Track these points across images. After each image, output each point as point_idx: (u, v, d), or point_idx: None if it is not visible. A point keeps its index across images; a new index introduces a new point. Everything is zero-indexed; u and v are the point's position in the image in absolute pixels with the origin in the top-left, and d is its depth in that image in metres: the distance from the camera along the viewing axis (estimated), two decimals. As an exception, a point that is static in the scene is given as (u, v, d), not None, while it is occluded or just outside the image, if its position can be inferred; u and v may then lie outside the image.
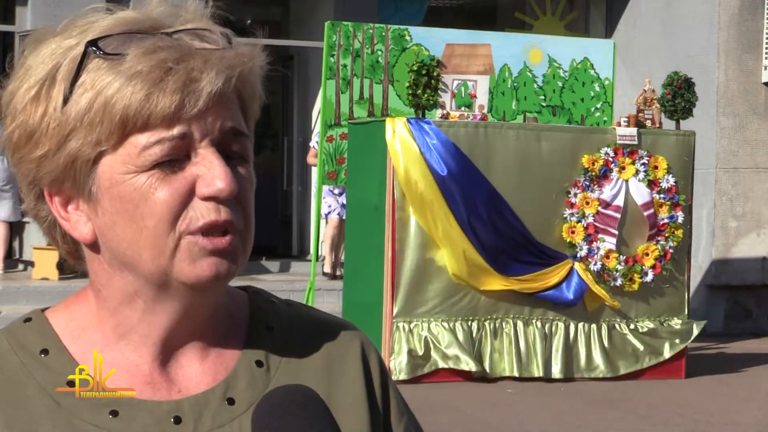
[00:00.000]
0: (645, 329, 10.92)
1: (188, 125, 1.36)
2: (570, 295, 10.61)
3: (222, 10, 1.46)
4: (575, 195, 10.64)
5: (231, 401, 1.46)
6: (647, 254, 10.82)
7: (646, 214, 10.78)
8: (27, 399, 1.42)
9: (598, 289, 10.65)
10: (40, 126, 1.38)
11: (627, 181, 10.76)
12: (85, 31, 1.40)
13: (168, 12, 1.43)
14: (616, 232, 10.71)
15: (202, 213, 1.37)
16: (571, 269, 10.62)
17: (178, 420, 1.43)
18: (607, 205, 10.70)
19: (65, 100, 1.37)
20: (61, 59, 1.39)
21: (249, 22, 16.33)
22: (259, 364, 1.49)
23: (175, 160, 1.37)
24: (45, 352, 1.45)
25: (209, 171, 1.37)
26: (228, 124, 1.39)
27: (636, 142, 10.85)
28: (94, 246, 1.43)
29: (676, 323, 11.02)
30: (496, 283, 10.38)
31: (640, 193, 10.77)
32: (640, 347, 10.85)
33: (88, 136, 1.36)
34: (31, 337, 1.47)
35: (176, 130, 1.36)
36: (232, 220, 1.38)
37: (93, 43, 1.37)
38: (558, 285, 10.59)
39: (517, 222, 10.46)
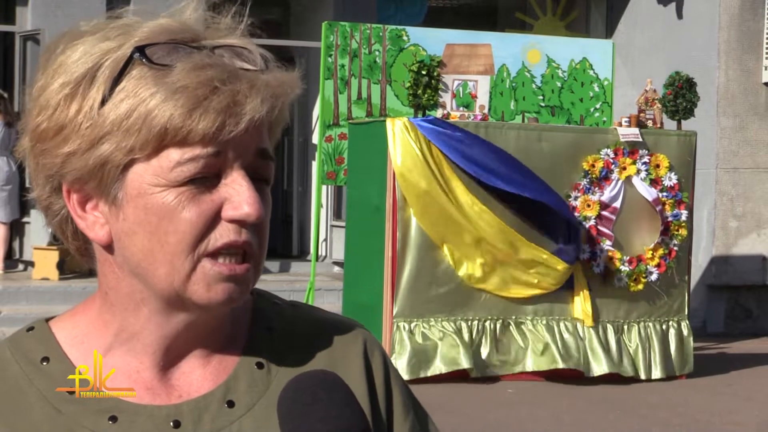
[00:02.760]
0: (646, 329, 10.91)
1: (224, 146, 1.37)
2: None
3: (218, 9, 1.46)
4: (576, 198, 10.63)
5: (231, 404, 1.46)
6: (653, 253, 10.81)
7: (658, 209, 10.77)
8: (28, 407, 1.42)
9: (586, 299, 10.64)
10: (72, 123, 1.37)
11: (629, 180, 10.75)
12: (125, 35, 1.39)
13: (204, 22, 1.43)
14: (612, 234, 10.71)
15: (222, 234, 1.38)
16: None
17: (177, 424, 1.43)
18: (606, 206, 10.69)
19: (103, 102, 1.36)
20: (102, 60, 1.38)
21: (249, 22, 16.32)
22: (259, 365, 1.49)
23: (206, 177, 1.37)
24: (46, 360, 1.45)
25: (238, 194, 1.37)
26: (261, 146, 1.41)
27: (640, 139, 10.84)
28: (108, 248, 1.42)
29: (676, 324, 11.01)
30: (509, 286, 10.38)
31: (648, 191, 10.76)
32: (641, 347, 10.84)
33: (122, 142, 1.36)
34: (32, 345, 1.47)
35: (212, 149, 1.36)
36: (251, 243, 1.39)
37: (140, 50, 1.36)
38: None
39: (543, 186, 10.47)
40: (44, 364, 1.45)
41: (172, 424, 1.43)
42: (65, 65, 1.39)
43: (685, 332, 11.01)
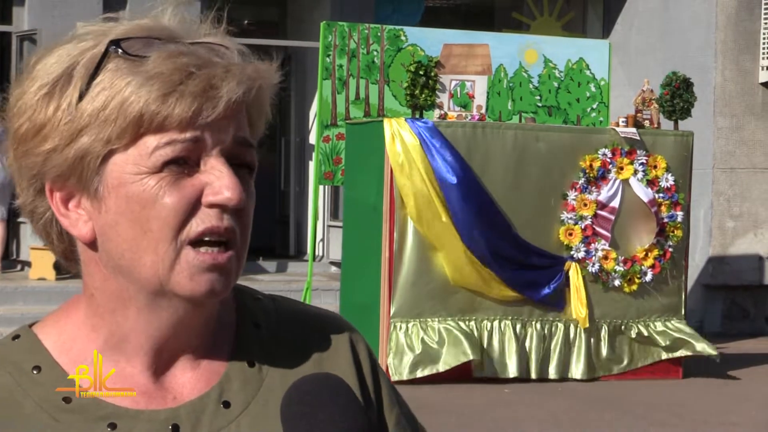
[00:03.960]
0: (643, 330, 10.91)
1: (202, 131, 1.37)
2: (550, 291, 10.60)
3: (220, 10, 1.47)
4: (573, 197, 10.63)
5: (227, 404, 1.46)
6: (647, 254, 10.81)
7: (653, 210, 10.77)
8: (24, 418, 1.41)
9: (580, 299, 10.63)
10: (51, 121, 1.38)
11: (626, 181, 10.75)
12: (103, 35, 1.40)
13: (182, 24, 1.43)
14: (609, 235, 10.70)
15: (203, 219, 1.37)
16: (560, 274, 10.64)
17: (176, 428, 1.43)
18: (603, 206, 10.69)
19: (80, 97, 1.37)
20: (78, 59, 1.39)
21: (246, 22, 16.31)
22: (250, 364, 1.49)
23: (185, 160, 1.37)
24: (37, 368, 1.44)
25: (218, 180, 1.37)
26: (240, 134, 1.40)
27: (638, 138, 10.84)
28: (92, 246, 1.42)
29: (674, 324, 11.01)
30: (495, 287, 10.39)
31: (645, 192, 10.76)
32: (638, 348, 10.85)
33: (100, 134, 1.36)
34: (21, 355, 1.45)
35: (189, 134, 1.36)
36: (233, 229, 1.39)
37: (115, 43, 1.38)
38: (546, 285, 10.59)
39: (510, 229, 10.45)
40: (35, 373, 1.43)
41: (170, 427, 1.43)
42: (42, 70, 1.40)
43: (685, 330, 11.00)
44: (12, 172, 1.45)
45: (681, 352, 10.89)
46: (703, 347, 10.87)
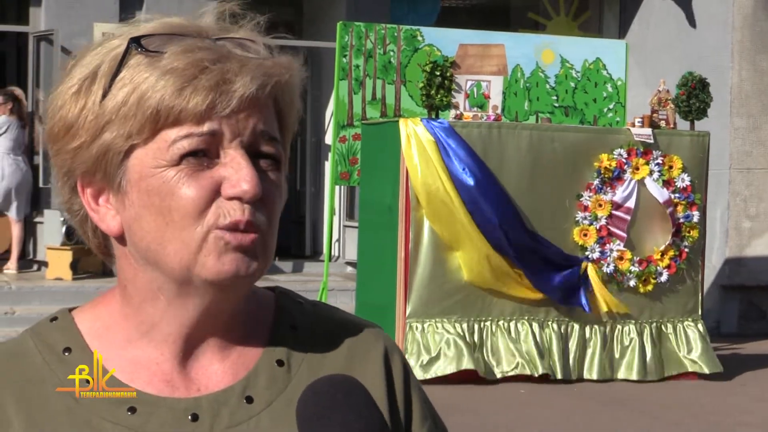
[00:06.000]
0: (659, 330, 10.90)
1: (219, 124, 1.39)
2: (583, 301, 10.59)
3: (243, 9, 1.50)
4: (588, 198, 10.61)
5: (249, 399, 1.48)
6: (663, 254, 10.78)
7: (669, 211, 10.75)
8: (47, 397, 1.45)
9: (605, 294, 10.61)
10: (78, 119, 1.42)
11: (641, 181, 10.73)
12: (129, 34, 1.44)
13: (217, 25, 1.46)
14: (625, 235, 10.69)
15: (228, 211, 1.40)
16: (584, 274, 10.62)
17: (195, 417, 1.45)
18: (618, 207, 10.67)
19: (104, 95, 1.40)
20: (105, 58, 1.43)
21: (261, 22, 16.34)
22: (279, 363, 1.51)
23: (204, 153, 1.39)
24: (68, 350, 1.48)
25: (236, 172, 1.39)
26: (260, 127, 1.42)
27: (652, 141, 10.83)
28: (122, 240, 1.46)
29: (690, 324, 10.99)
30: (514, 286, 10.38)
31: (660, 192, 10.74)
32: (654, 348, 10.83)
33: (121, 129, 1.40)
34: (55, 336, 1.50)
35: (206, 127, 1.39)
36: (253, 221, 1.40)
37: (135, 40, 1.41)
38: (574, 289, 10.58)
39: (527, 228, 10.44)
40: (66, 354, 1.48)
41: (190, 417, 1.45)
42: (75, 69, 1.44)
43: (700, 332, 10.98)
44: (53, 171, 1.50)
45: (690, 349, 10.89)
46: (704, 366, 10.85)
